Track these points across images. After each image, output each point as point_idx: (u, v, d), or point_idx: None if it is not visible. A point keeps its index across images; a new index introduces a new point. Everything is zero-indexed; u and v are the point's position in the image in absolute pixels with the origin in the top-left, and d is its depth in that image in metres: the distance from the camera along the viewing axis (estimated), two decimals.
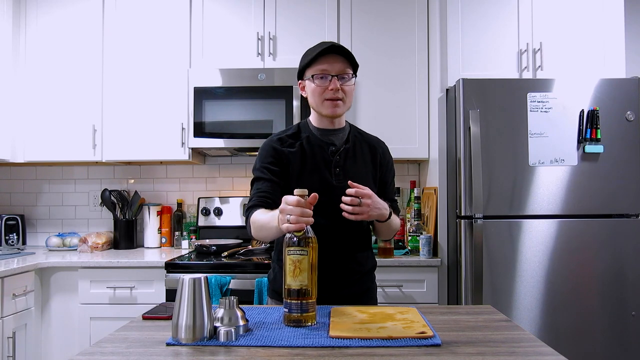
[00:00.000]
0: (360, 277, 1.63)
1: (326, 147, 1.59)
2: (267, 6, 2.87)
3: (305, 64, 1.55)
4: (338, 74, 1.51)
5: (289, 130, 1.65)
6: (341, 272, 1.57)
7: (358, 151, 1.63)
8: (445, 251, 2.56)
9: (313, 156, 1.58)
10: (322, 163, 1.57)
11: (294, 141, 1.60)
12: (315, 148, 1.59)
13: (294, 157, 1.57)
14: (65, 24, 2.91)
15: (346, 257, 1.58)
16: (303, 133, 1.62)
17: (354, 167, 1.60)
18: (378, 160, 1.66)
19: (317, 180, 1.54)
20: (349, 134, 1.65)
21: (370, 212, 1.42)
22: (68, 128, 2.89)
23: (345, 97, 1.54)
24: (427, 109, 2.83)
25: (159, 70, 2.87)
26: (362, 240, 1.64)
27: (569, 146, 2.37)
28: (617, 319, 2.33)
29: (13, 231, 3.00)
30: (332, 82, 1.50)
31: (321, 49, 1.50)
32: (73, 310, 2.54)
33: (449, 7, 2.62)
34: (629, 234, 2.36)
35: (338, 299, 1.51)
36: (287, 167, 1.57)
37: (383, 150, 1.70)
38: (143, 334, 1.17)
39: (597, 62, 2.61)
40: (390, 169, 1.71)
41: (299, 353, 1.01)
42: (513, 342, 1.09)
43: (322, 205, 1.51)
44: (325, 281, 1.54)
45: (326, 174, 1.56)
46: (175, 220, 3.10)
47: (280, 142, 1.60)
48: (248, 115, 2.76)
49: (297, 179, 1.54)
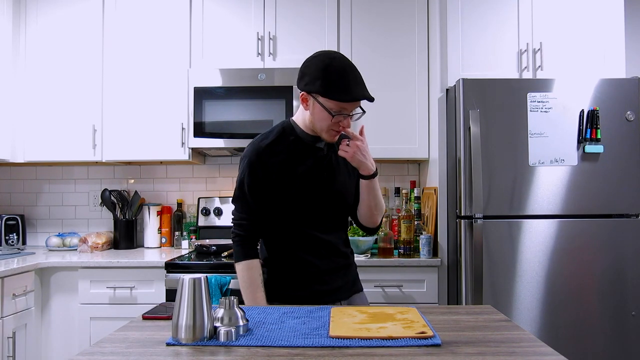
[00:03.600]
0: (348, 270, 1.68)
1: (314, 151, 1.59)
2: (267, 6, 2.87)
3: (322, 92, 1.47)
4: (352, 113, 1.53)
5: (274, 132, 1.60)
6: (333, 267, 1.63)
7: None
8: (445, 251, 2.56)
9: (300, 160, 1.57)
10: (311, 167, 1.57)
11: (282, 147, 1.57)
12: (302, 152, 1.58)
13: (278, 163, 1.55)
14: (65, 24, 2.91)
15: (336, 253, 1.63)
16: (290, 136, 1.59)
17: (338, 167, 1.62)
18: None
19: (305, 184, 1.56)
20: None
21: (355, 154, 1.50)
22: (68, 128, 2.89)
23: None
24: (427, 109, 2.83)
25: (159, 70, 2.87)
26: (345, 238, 1.70)
27: (569, 146, 2.37)
28: (617, 319, 2.33)
29: (13, 231, 3.00)
30: (347, 120, 1.51)
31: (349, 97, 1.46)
32: (73, 310, 2.54)
33: (449, 7, 2.62)
34: (629, 234, 2.36)
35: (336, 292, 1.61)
36: (271, 175, 1.54)
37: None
38: (143, 334, 1.17)
39: (597, 62, 2.61)
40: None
41: (299, 353, 1.01)
42: (513, 342, 1.09)
43: (311, 209, 1.58)
44: (323, 277, 1.61)
45: (314, 178, 1.57)
46: (175, 220, 3.10)
47: (269, 150, 1.56)
48: (248, 115, 2.76)
49: (284, 184, 1.54)
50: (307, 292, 1.58)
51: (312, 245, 1.59)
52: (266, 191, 1.56)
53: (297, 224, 1.58)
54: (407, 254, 2.62)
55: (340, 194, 1.61)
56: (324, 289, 1.59)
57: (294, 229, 1.59)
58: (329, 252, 1.61)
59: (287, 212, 1.58)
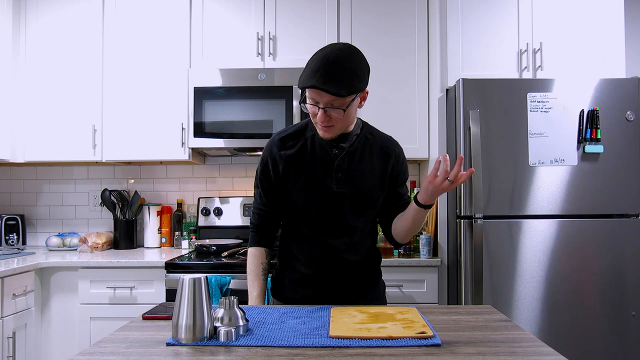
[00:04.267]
0: (370, 288, 1.63)
1: (330, 149, 1.51)
2: (267, 6, 2.87)
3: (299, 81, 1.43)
4: (326, 106, 1.39)
5: (295, 127, 1.58)
6: (344, 280, 1.56)
7: (366, 154, 1.54)
8: (445, 251, 2.56)
9: (314, 159, 1.51)
10: (323, 166, 1.51)
11: (295, 141, 1.53)
12: (317, 149, 1.51)
13: (294, 160, 1.52)
14: (66, 23, 2.91)
15: (349, 263, 1.55)
16: (309, 131, 1.54)
17: (359, 171, 1.52)
18: (391, 164, 1.57)
19: (315, 184, 1.50)
20: (359, 135, 1.55)
21: (452, 186, 1.36)
22: (68, 128, 2.89)
23: (337, 122, 1.43)
24: (427, 109, 2.82)
25: (159, 70, 2.87)
26: (364, 246, 1.60)
27: (569, 146, 2.37)
28: (617, 319, 2.33)
29: (13, 231, 3.00)
30: (320, 113, 1.40)
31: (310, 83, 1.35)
32: (73, 310, 2.54)
33: (449, 7, 2.62)
34: (629, 234, 2.36)
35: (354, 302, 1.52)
36: (286, 171, 1.52)
37: (396, 154, 1.59)
38: (143, 334, 1.17)
39: (597, 62, 2.61)
40: (404, 170, 1.62)
41: (299, 353, 1.01)
42: (513, 342, 1.09)
43: (322, 211, 1.52)
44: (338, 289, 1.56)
45: (326, 178, 1.50)
46: (175, 220, 3.10)
47: (280, 143, 1.54)
48: (248, 115, 2.76)
49: (295, 181, 1.51)
50: (299, 295, 1.57)
51: (310, 247, 1.56)
52: (274, 183, 1.55)
53: (298, 222, 1.56)
54: (407, 254, 2.62)
55: (351, 198, 1.52)
56: (310, 294, 1.56)
57: (296, 227, 1.57)
58: (326, 256, 1.54)
59: (292, 208, 1.56)
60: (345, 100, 1.38)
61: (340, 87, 1.35)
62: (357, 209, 1.53)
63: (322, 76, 1.34)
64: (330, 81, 1.34)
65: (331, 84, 1.34)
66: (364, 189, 1.53)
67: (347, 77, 1.36)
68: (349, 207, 1.52)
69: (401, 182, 1.61)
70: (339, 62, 1.36)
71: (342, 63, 1.36)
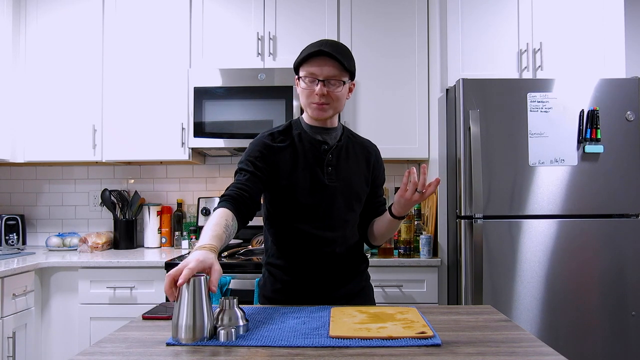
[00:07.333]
0: (354, 276, 1.62)
1: (318, 145, 1.54)
2: (267, 6, 2.87)
3: (297, 62, 1.49)
4: (326, 79, 1.44)
5: (280, 127, 1.60)
6: (334, 271, 1.56)
7: (351, 151, 1.59)
8: (445, 251, 2.56)
9: (304, 153, 1.53)
10: (314, 161, 1.52)
11: (284, 137, 1.55)
12: (306, 145, 1.53)
13: (285, 154, 1.52)
14: (66, 23, 2.91)
15: (338, 256, 1.56)
16: (294, 130, 1.56)
17: (346, 167, 1.56)
18: (372, 163, 1.63)
19: (308, 178, 1.51)
20: (342, 134, 1.60)
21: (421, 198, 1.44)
22: (68, 128, 2.89)
23: (333, 102, 1.47)
24: (427, 109, 2.83)
25: (159, 70, 2.88)
26: (353, 239, 1.62)
27: (569, 146, 2.37)
28: (617, 319, 2.33)
29: (13, 231, 3.00)
30: (319, 86, 1.44)
31: (312, 50, 1.44)
32: (73, 310, 2.54)
33: (449, 7, 2.62)
34: (629, 234, 2.36)
35: (333, 299, 1.52)
36: (277, 163, 1.51)
37: (376, 153, 1.68)
38: (143, 334, 1.17)
39: (597, 62, 2.61)
40: (382, 171, 1.69)
41: (299, 353, 1.01)
42: (513, 342, 1.09)
43: (314, 205, 1.52)
44: (319, 281, 1.55)
45: (318, 172, 1.52)
46: (175, 220, 3.10)
47: (271, 137, 1.54)
48: (248, 115, 2.76)
49: (288, 176, 1.50)
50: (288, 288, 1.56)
51: (302, 240, 1.53)
52: (266, 169, 1.49)
53: (291, 216, 1.53)
54: (407, 254, 2.62)
55: (342, 193, 1.54)
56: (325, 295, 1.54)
57: (288, 222, 1.54)
58: (319, 251, 1.54)
59: (286, 202, 1.53)
60: (343, 74, 1.46)
61: (342, 58, 1.44)
62: (348, 203, 1.56)
63: (327, 47, 1.44)
64: (334, 52, 1.44)
65: (335, 52, 1.44)
66: (352, 184, 1.57)
67: (346, 53, 1.48)
68: (342, 201, 1.54)
69: (380, 183, 1.68)
70: (336, 43, 1.49)
71: (339, 44, 1.50)
